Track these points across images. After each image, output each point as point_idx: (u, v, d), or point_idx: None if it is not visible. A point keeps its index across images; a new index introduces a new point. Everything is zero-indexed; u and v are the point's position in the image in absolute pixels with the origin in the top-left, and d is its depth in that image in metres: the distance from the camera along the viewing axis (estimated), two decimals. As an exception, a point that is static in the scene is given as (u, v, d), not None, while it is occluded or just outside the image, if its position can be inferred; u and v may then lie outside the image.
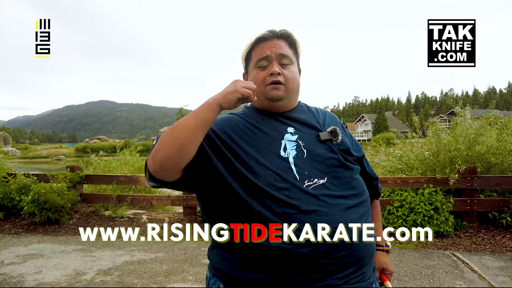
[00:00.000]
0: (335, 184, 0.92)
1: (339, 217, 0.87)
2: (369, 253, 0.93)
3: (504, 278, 2.83)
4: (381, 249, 1.12)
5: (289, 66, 1.01)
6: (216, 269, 0.95)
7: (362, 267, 0.90)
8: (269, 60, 0.99)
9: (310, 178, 0.90)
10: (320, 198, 0.88)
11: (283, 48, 1.00)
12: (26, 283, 2.85)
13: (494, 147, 4.24)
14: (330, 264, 0.84)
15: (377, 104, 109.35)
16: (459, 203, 4.06)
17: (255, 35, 1.02)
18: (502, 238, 3.75)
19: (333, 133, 0.99)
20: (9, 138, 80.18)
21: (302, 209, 0.85)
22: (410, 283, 2.78)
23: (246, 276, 0.87)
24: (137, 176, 5.27)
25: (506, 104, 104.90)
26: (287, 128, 0.99)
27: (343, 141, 1.00)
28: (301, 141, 0.96)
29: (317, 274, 0.83)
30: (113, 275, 3.02)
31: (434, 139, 4.57)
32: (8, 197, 4.95)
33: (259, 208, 0.87)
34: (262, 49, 1.00)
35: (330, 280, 0.84)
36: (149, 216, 5.10)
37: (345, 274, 0.86)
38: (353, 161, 1.00)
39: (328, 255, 0.84)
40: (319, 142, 0.97)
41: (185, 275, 3.01)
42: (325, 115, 1.09)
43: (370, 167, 1.12)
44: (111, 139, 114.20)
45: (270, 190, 0.87)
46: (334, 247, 0.84)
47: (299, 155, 0.93)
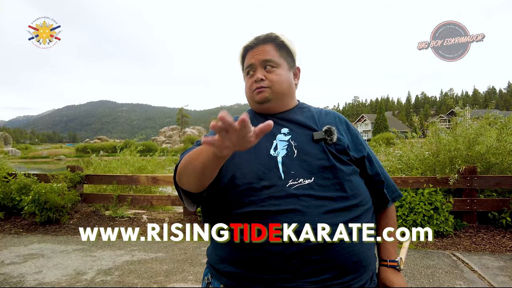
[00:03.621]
0: (322, 185, 0.89)
1: (318, 218, 0.84)
2: (354, 260, 0.86)
3: (504, 278, 2.83)
4: (385, 264, 1.01)
5: (275, 69, 1.01)
6: (208, 260, 1.01)
7: (343, 274, 0.84)
8: (254, 68, 1.02)
9: (296, 177, 0.88)
10: (301, 198, 0.85)
11: (267, 53, 1.01)
12: (26, 283, 2.85)
13: (494, 147, 4.24)
14: (301, 265, 0.82)
15: (377, 104, 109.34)
16: (459, 203, 4.06)
17: (242, 45, 1.06)
18: (502, 238, 3.75)
19: (328, 132, 0.96)
20: (10, 138, 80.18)
21: (280, 208, 0.85)
22: (410, 283, 2.78)
23: (224, 269, 0.91)
24: (137, 176, 5.28)
25: (506, 104, 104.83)
26: (281, 129, 0.99)
27: (340, 140, 0.97)
28: (293, 141, 0.95)
29: (287, 274, 0.82)
30: (114, 275, 3.03)
31: (434, 139, 4.57)
32: (8, 197, 4.96)
33: (241, 206, 0.88)
34: (248, 58, 1.04)
35: (301, 282, 0.81)
36: (149, 216, 5.10)
37: (319, 279, 0.82)
38: (348, 161, 0.95)
39: (301, 256, 0.82)
40: (313, 142, 0.95)
41: (185, 275, 3.01)
42: (328, 115, 1.06)
43: (374, 169, 1.02)
44: (112, 139, 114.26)
45: (252, 186, 0.88)
46: (307, 249, 0.82)
47: (289, 155, 0.93)
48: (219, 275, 0.92)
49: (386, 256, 1.02)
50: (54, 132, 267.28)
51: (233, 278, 0.89)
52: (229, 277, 0.90)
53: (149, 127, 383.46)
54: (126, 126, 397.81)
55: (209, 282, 0.96)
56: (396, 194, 1.07)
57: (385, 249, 1.03)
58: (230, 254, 0.90)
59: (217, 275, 0.93)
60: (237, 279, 0.88)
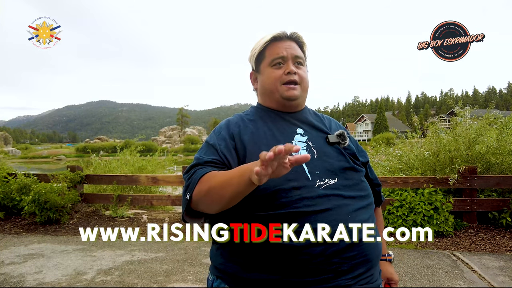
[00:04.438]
0: (345, 185, 0.92)
1: (349, 217, 0.87)
2: (377, 254, 0.93)
3: (504, 278, 2.83)
4: (384, 259, 1.12)
5: (302, 67, 1.03)
6: (219, 270, 0.92)
7: (371, 268, 0.90)
8: (284, 60, 1.00)
9: (322, 178, 0.90)
10: (330, 198, 0.88)
11: (297, 50, 1.02)
12: (26, 283, 2.85)
13: (494, 147, 4.24)
14: (340, 264, 0.83)
15: (377, 104, 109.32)
16: (459, 203, 4.06)
17: (269, 34, 1.02)
18: (502, 238, 3.75)
19: (341, 136, 1.00)
20: (10, 138, 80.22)
21: (314, 209, 0.85)
22: (410, 283, 2.78)
23: (253, 277, 0.85)
24: (138, 176, 5.28)
25: (506, 104, 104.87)
26: (297, 129, 1.00)
27: (350, 146, 1.02)
28: (311, 142, 0.97)
29: (328, 274, 0.82)
30: (114, 275, 3.03)
31: (434, 139, 4.57)
32: (8, 197, 4.96)
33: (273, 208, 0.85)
34: (277, 49, 1.01)
35: (341, 280, 0.83)
36: (149, 216, 5.10)
37: (355, 275, 0.85)
38: (360, 165, 1.02)
39: (340, 255, 0.83)
40: (328, 144, 0.98)
41: (185, 275, 3.01)
42: (330, 120, 1.12)
43: (373, 174, 1.12)
44: (112, 139, 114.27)
45: (281, 188, 0.86)
46: (345, 247, 0.84)
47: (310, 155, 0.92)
48: (245, 284, 0.86)
49: (383, 251, 1.10)
50: (54, 132, 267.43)
51: (264, 286, 0.83)
52: (258, 286, 0.84)
53: (149, 127, 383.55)
54: (126, 126, 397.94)
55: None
56: (383, 196, 1.20)
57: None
58: (260, 260, 0.84)
59: (240, 284, 0.87)
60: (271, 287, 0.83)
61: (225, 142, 0.95)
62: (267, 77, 1.02)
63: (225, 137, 0.97)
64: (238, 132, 0.97)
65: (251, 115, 1.05)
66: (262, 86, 1.05)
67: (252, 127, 0.99)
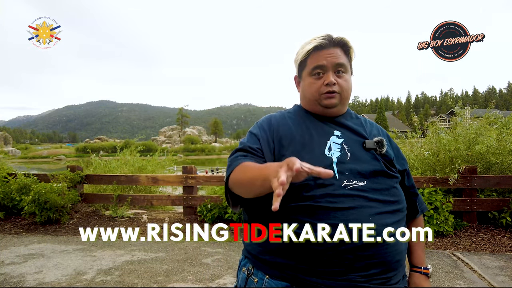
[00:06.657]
0: (374, 188, 0.93)
1: (371, 218, 0.89)
2: (398, 259, 0.92)
3: (504, 278, 2.84)
4: (419, 271, 1.07)
5: (344, 74, 1.03)
6: (248, 251, 1.01)
7: (388, 270, 0.90)
8: (324, 69, 1.01)
9: (350, 179, 0.92)
10: (355, 198, 0.90)
11: (339, 57, 1.01)
12: (26, 283, 2.85)
13: (494, 147, 4.25)
14: (354, 260, 0.85)
15: (377, 104, 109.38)
16: (459, 202, 4.06)
17: (313, 42, 1.02)
18: (502, 238, 3.75)
19: (379, 143, 1.01)
20: (10, 138, 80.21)
21: (336, 206, 0.88)
22: (410, 282, 2.78)
23: (272, 259, 0.92)
24: (138, 176, 5.28)
25: (506, 104, 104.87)
26: (334, 131, 1.02)
27: (388, 152, 1.03)
28: (346, 145, 0.99)
29: (340, 268, 0.85)
30: (114, 275, 3.03)
31: (434, 139, 4.57)
32: (8, 197, 4.96)
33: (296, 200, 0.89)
34: (318, 58, 1.01)
35: (351, 276, 0.85)
36: (149, 216, 5.10)
37: (368, 274, 0.86)
38: (395, 171, 1.02)
39: (354, 252, 0.86)
40: (364, 149, 1.00)
41: (185, 275, 3.01)
42: (372, 125, 1.12)
43: (411, 182, 1.11)
44: (111, 139, 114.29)
45: (307, 183, 0.89)
46: (361, 246, 0.86)
47: (343, 157, 0.96)
48: (264, 264, 0.93)
49: (419, 262, 1.08)
50: (54, 132, 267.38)
51: (280, 268, 0.90)
52: (276, 268, 0.91)
53: (149, 127, 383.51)
54: (126, 126, 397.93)
55: (250, 273, 0.97)
56: (423, 206, 1.15)
57: (416, 255, 1.09)
58: (279, 247, 0.90)
59: (261, 265, 0.94)
60: (286, 270, 0.89)
61: (265, 134, 1.03)
62: (307, 87, 1.05)
63: (265, 129, 1.05)
64: (277, 126, 1.04)
65: (293, 113, 1.10)
66: (303, 93, 1.09)
67: (291, 123, 1.05)
